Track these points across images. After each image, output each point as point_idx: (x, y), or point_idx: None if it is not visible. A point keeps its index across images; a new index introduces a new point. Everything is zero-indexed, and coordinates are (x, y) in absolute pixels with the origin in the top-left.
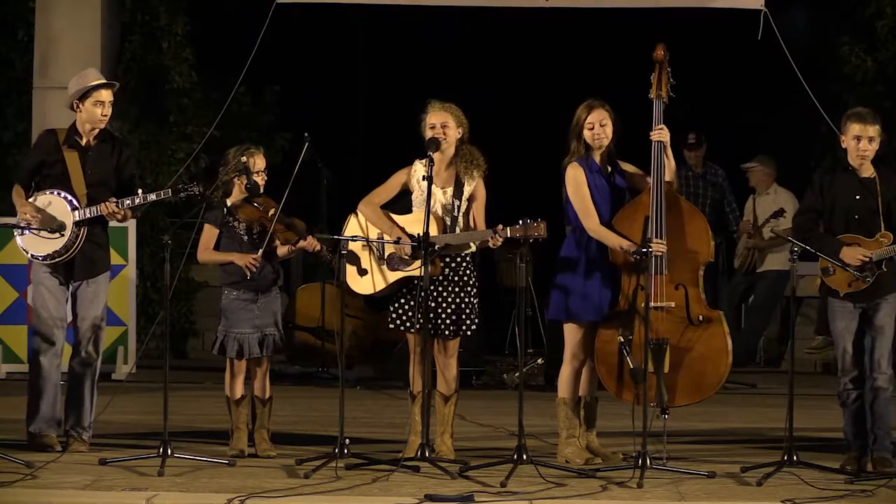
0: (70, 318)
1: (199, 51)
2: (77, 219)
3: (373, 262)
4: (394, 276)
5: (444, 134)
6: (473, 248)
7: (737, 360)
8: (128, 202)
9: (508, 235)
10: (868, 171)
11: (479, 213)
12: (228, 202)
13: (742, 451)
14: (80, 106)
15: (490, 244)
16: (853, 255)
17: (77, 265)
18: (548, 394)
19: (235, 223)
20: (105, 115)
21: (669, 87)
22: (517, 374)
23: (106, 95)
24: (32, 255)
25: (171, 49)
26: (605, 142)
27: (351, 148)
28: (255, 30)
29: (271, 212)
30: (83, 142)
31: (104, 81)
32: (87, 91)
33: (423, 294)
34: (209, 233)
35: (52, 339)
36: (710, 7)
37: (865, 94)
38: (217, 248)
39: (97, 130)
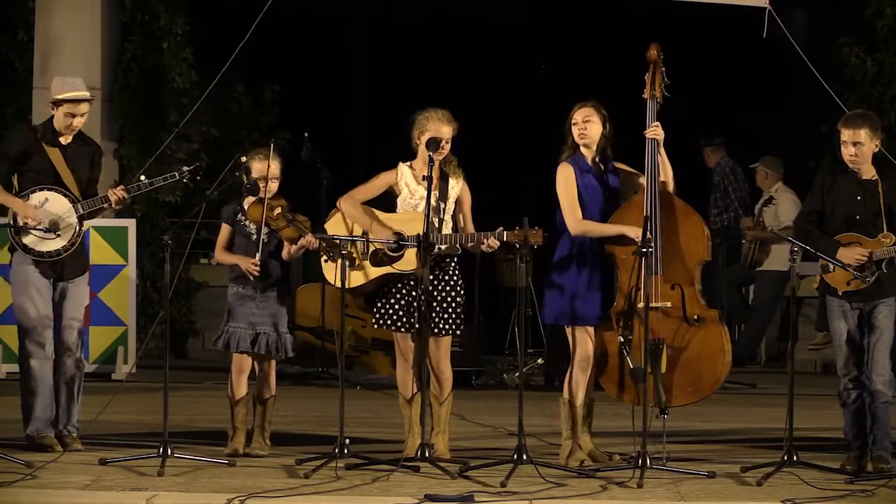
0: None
1: (199, 51)
2: (80, 212)
3: (358, 257)
4: (378, 272)
5: (444, 149)
6: (460, 251)
7: (737, 361)
8: (134, 187)
9: (505, 240)
10: (869, 173)
11: (467, 216)
12: (245, 202)
13: (742, 451)
14: (55, 110)
15: (484, 248)
16: (850, 254)
17: (67, 264)
18: (548, 393)
19: (246, 222)
20: (76, 126)
21: (664, 87)
22: (517, 374)
23: (80, 108)
24: (36, 252)
25: (171, 49)
26: (591, 140)
27: (351, 148)
28: (256, 30)
29: (276, 211)
30: (61, 140)
31: (78, 96)
32: (60, 101)
33: (422, 294)
34: (223, 231)
35: (43, 341)
36: (714, 3)
37: (865, 94)
38: (232, 245)
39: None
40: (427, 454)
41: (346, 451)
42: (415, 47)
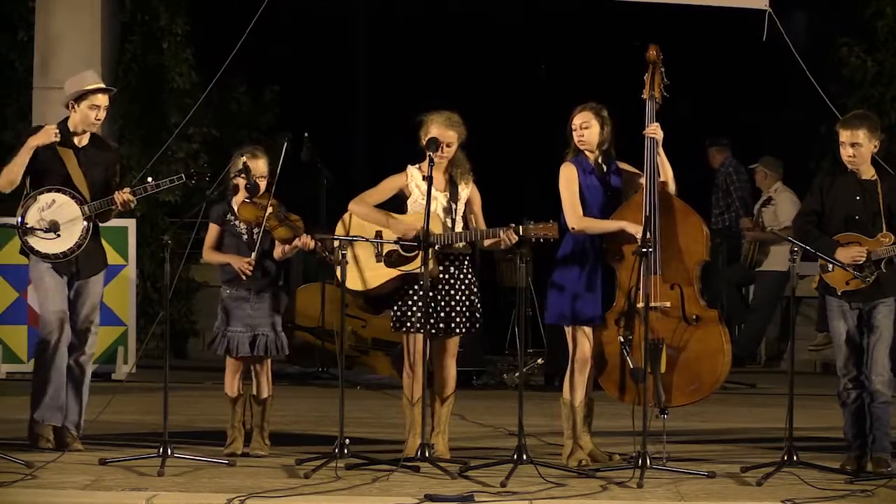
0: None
1: (199, 51)
2: (87, 213)
3: (370, 259)
4: (391, 273)
5: (445, 152)
6: (470, 250)
7: (737, 361)
8: (140, 190)
9: (521, 234)
10: (869, 173)
11: (479, 216)
12: (234, 202)
13: (742, 451)
14: (76, 107)
15: (502, 245)
16: (848, 254)
17: (81, 262)
18: (548, 393)
19: (236, 222)
20: (99, 119)
21: (663, 88)
22: (517, 374)
23: (102, 100)
24: (44, 255)
25: (171, 49)
26: (589, 144)
27: (351, 148)
28: (256, 30)
29: (268, 211)
30: (76, 142)
31: (102, 86)
32: (84, 94)
33: (423, 293)
34: (212, 231)
35: (59, 337)
36: (713, 6)
37: (865, 94)
38: (221, 245)
39: (89, 133)
40: (427, 454)
41: (346, 451)
42: (415, 47)
